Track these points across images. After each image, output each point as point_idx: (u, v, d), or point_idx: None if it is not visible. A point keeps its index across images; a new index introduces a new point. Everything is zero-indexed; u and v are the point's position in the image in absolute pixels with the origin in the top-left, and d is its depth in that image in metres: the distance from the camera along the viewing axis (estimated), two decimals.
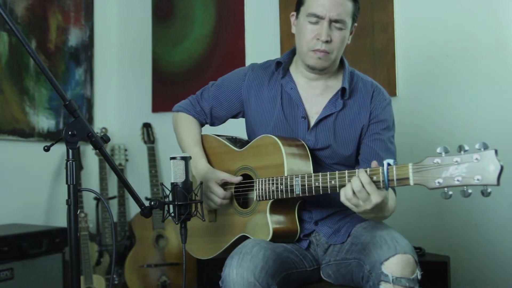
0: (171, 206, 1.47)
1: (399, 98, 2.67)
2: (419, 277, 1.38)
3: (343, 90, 1.66)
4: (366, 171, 1.33)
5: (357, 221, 1.65)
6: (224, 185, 1.68)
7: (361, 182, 1.32)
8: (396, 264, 1.36)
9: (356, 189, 1.33)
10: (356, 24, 1.67)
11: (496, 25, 2.50)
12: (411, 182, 1.24)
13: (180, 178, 1.46)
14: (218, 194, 1.64)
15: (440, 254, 2.41)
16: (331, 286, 1.64)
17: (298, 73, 1.73)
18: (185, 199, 1.45)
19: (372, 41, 2.74)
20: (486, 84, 2.52)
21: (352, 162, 1.70)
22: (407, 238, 1.47)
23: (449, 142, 2.38)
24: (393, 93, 2.64)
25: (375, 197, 1.32)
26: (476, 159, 1.14)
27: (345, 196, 1.36)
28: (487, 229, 2.49)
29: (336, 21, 1.57)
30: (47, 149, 1.29)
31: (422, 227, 2.60)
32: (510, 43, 2.47)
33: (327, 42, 1.58)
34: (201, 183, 1.55)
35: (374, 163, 1.36)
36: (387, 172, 1.29)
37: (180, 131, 1.86)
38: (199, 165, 1.73)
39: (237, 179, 1.65)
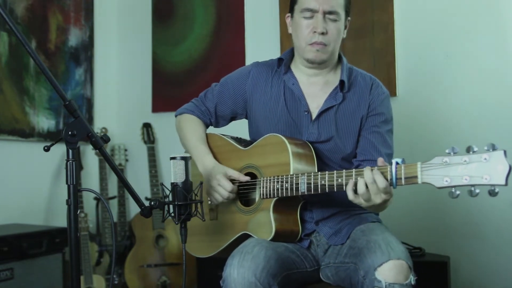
0: (171, 206, 1.47)
1: (399, 98, 2.67)
2: (413, 282, 1.38)
3: (341, 83, 1.69)
4: (372, 169, 1.34)
5: (357, 223, 1.65)
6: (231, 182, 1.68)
7: (373, 176, 1.33)
8: (389, 270, 1.35)
9: (368, 181, 1.33)
10: (349, 18, 1.71)
11: (496, 24, 2.50)
12: (419, 180, 1.25)
13: (180, 178, 1.46)
14: (226, 187, 1.62)
15: (440, 254, 2.41)
16: (331, 287, 1.64)
17: (298, 71, 1.76)
18: (185, 199, 1.45)
19: (372, 41, 2.74)
20: (486, 83, 2.52)
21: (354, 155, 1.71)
22: (407, 238, 1.47)
23: (449, 141, 2.39)
24: (393, 93, 2.64)
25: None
26: (485, 159, 1.15)
27: (358, 191, 1.36)
28: (487, 229, 2.49)
29: (330, 12, 1.62)
30: (47, 149, 1.29)
31: (422, 227, 2.60)
32: (510, 42, 2.47)
33: (323, 34, 1.62)
34: (201, 183, 1.55)
35: (380, 160, 1.36)
36: (396, 171, 1.29)
37: (184, 131, 1.85)
38: (206, 161, 1.73)
39: (245, 178, 1.64)
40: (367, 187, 1.35)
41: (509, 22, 2.48)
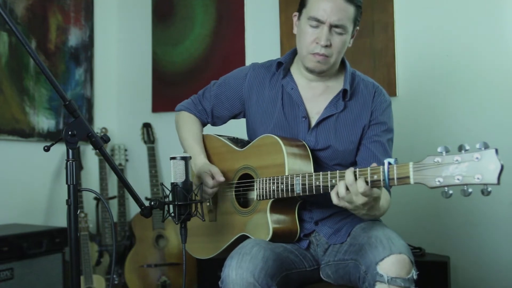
0: (171, 206, 1.47)
1: (399, 98, 2.67)
2: (415, 277, 1.38)
3: (344, 91, 1.67)
4: (356, 171, 1.34)
5: (357, 221, 1.65)
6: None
7: (355, 176, 1.33)
8: (391, 264, 1.36)
9: (348, 183, 1.33)
10: (358, 28, 1.66)
11: (496, 24, 2.50)
12: (412, 181, 1.24)
13: (180, 178, 1.46)
14: (208, 184, 1.63)
15: (440, 254, 2.42)
16: (331, 286, 1.64)
17: (299, 74, 1.74)
18: (185, 199, 1.45)
19: (372, 41, 2.74)
20: (486, 83, 2.52)
21: (353, 162, 1.71)
22: (407, 238, 1.47)
23: (449, 142, 2.39)
24: (393, 93, 2.64)
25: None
26: (477, 158, 1.14)
27: (339, 194, 1.36)
28: (487, 229, 2.49)
29: (337, 26, 1.57)
30: (47, 149, 1.29)
31: (422, 227, 2.60)
32: (510, 42, 2.47)
33: (326, 46, 1.58)
34: (201, 183, 1.55)
35: (373, 166, 1.36)
36: (388, 171, 1.29)
37: (181, 129, 1.86)
38: (198, 161, 1.74)
39: (221, 179, 1.63)
40: (347, 189, 1.34)
41: (509, 22, 2.48)
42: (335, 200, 1.38)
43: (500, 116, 2.48)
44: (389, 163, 1.29)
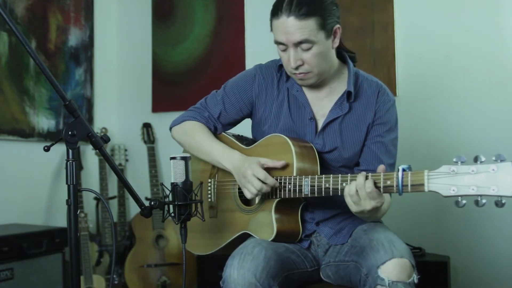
0: (171, 206, 1.47)
1: (399, 98, 2.66)
2: (415, 281, 1.38)
3: (348, 93, 1.65)
4: (368, 175, 1.34)
5: (358, 222, 1.65)
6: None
7: (364, 183, 1.34)
8: (393, 268, 1.35)
9: (358, 186, 1.34)
10: (338, 26, 1.57)
11: (496, 24, 2.50)
12: (426, 188, 1.24)
13: (180, 178, 1.46)
14: (260, 176, 1.51)
15: (440, 254, 2.41)
16: (331, 287, 1.64)
17: None
18: (185, 199, 1.45)
19: (372, 41, 2.74)
20: (486, 84, 2.52)
21: (356, 164, 1.70)
22: (407, 238, 1.47)
23: (449, 142, 2.40)
24: (393, 93, 2.63)
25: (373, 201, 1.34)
26: (493, 170, 1.15)
27: (349, 191, 1.37)
28: (487, 229, 2.49)
29: (300, 42, 1.52)
30: (47, 149, 1.29)
31: (422, 227, 2.60)
32: (510, 42, 2.47)
33: (299, 66, 1.56)
34: (201, 183, 1.55)
35: (381, 168, 1.36)
36: (402, 178, 1.28)
37: (192, 136, 1.75)
38: (234, 155, 1.64)
39: (280, 162, 1.55)
40: (357, 191, 1.35)
41: (509, 22, 2.48)
42: (345, 192, 1.38)
43: (499, 116, 2.47)
44: (403, 170, 1.29)
